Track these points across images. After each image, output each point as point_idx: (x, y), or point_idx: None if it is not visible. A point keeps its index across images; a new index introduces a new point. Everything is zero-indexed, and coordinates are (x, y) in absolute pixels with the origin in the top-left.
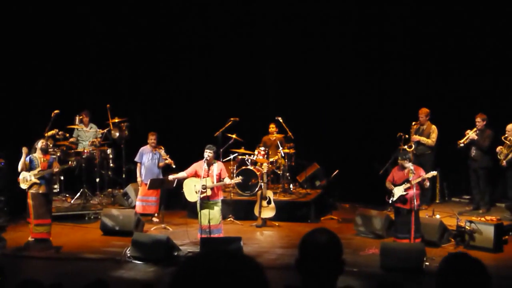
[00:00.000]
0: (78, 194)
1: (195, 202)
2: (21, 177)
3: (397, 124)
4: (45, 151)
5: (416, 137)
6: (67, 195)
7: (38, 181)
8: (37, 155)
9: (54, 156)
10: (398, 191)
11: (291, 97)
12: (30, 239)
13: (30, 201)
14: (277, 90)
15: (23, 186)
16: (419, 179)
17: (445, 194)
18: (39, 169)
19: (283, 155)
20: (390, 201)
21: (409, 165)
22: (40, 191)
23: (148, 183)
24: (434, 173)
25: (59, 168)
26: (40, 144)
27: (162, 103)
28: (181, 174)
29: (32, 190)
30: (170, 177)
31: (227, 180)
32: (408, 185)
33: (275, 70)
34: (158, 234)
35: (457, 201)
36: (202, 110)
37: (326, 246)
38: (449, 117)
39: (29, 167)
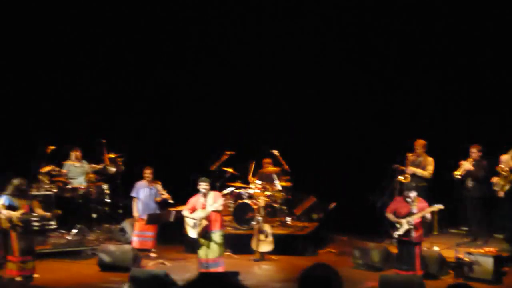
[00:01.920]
0: (75, 230)
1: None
2: (2, 216)
3: (392, 155)
4: (24, 193)
5: (411, 169)
6: (64, 231)
7: (20, 224)
8: (16, 195)
9: (34, 194)
10: (403, 224)
11: (287, 130)
12: (17, 278)
13: (14, 240)
14: (273, 123)
15: (5, 226)
16: (425, 212)
17: (442, 226)
18: (22, 211)
19: (280, 188)
20: (396, 235)
21: (414, 196)
22: (22, 231)
23: (146, 218)
24: (441, 206)
25: (41, 214)
26: (21, 186)
27: (158, 137)
28: (184, 213)
29: (15, 230)
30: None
31: (212, 207)
32: (414, 217)
33: (270, 103)
34: (155, 270)
35: (454, 232)
36: (198, 144)
37: (326, 281)
38: (444, 146)
39: (9, 207)
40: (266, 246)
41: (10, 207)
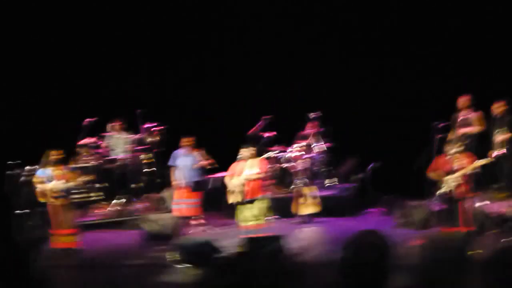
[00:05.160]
0: (116, 201)
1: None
2: (38, 190)
3: (437, 114)
4: (59, 162)
5: (461, 131)
6: (104, 202)
7: (56, 194)
8: (50, 167)
9: (72, 166)
10: (448, 181)
11: (325, 92)
12: (62, 250)
13: (53, 213)
14: (311, 86)
15: (42, 199)
16: (468, 169)
17: (487, 181)
18: (56, 181)
19: (319, 150)
20: (439, 192)
21: (455, 152)
22: (60, 203)
23: (192, 185)
24: (483, 161)
25: (77, 181)
26: (55, 158)
27: (197, 107)
28: (225, 179)
29: (51, 203)
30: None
31: (246, 175)
32: (456, 174)
33: (310, 65)
34: (198, 236)
35: (497, 187)
36: (235, 109)
37: (373, 249)
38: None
39: (44, 180)
40: (306, 209)
41: (46, 180)
